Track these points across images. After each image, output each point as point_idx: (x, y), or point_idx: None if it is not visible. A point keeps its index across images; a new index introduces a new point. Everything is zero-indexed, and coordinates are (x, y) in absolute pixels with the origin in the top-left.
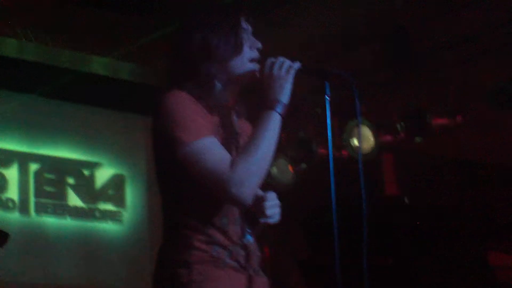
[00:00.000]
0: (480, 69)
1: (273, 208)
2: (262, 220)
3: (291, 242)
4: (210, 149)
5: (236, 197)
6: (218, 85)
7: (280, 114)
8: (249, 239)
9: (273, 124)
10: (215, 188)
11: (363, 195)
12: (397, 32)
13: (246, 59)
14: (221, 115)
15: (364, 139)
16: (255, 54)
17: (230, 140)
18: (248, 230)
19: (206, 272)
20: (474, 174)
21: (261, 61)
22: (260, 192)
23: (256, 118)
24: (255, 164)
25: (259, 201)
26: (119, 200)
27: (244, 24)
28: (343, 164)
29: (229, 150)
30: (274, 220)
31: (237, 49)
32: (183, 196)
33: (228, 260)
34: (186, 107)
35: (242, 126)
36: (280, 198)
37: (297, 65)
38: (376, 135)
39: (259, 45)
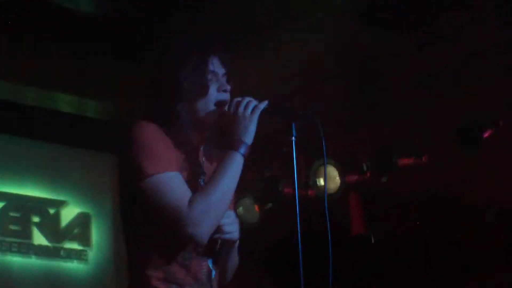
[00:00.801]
0: (445, 107)
1: (231, 225)
2: (221, 237)
3: (256, 279)
4: (172, 184)
5: (191, 236)
6: (186, 123)
7: (242, 155)
8: (213, 275)
9: (235, 164)
10: (171, 224)
11: (329, 235)
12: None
13: (211, 101)
14: (187, 152)
15: (330, 178)
16: (222, 96)
17: (194, 178)
18: (212, 266)
19: None
20: (439, 213)
21: (229, 99)
22: None
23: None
24: (213, 205)
25: None
26: (85, 239)
27: (212, 66)
28: (309, 204)
29: (193, 187)
30: (233, 237)
31: (202, 90)
32: (145, 229)
33: None
34: (153, 139)
35: (208, 166)
36: (245, 237)
37: (263, 105)
38: (342, 174)
39: (228, 87)
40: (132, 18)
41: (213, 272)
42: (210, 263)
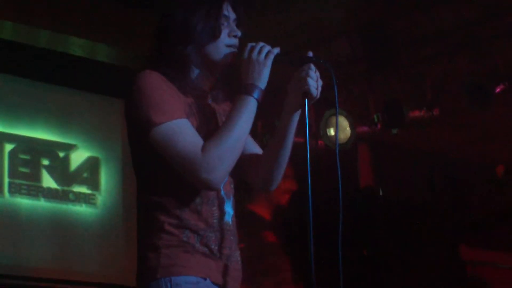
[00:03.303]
0: (457, 64)
1: (314, 80)
2: (304, 89)
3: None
4: (182, 131)
5: (206, 182)
6: (194, 68)
7: (256, 100)
8: (227, 220)
9: (249, 109)
10: (185, 171)
11: (340, 185)
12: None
13: (223, 45)
14: (195, 97)
15: (340, 129)
16: (232, 41)
17: (204, 122)
18: (227, 210)
19: (174, 256)
20: (448, 169)
21: (240, 46)
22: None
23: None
24: (226, 150)
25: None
26: (94, 183)
27: (226, 11)
28: (319, 154)
29: (202, 132)
30: (314, 91)
31: (214, 34)
32: (156, 176)
33: (198, 245)
34: (158, 88)
35: (218, 108)
36: None
37: (276, 50)
38: (352, 125)
39: (239, 33)
40: None
41: (226, 216)
42: (224, 206)
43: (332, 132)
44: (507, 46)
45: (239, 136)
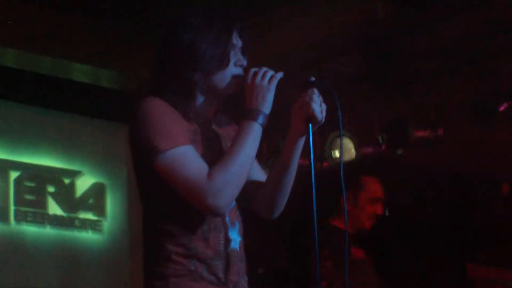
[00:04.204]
0: (460, 81)
1: (318, 104)
2: (307, 111)
3: (271, 251)
4: (187, 157)
5: (212, 208)
6: (199, 95)
7: (261, 125)
8: (234, 247)
9: (253, 135)
10: (191, 197)
11: (345, 207)
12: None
13: (229, 74)
14: (199, 123)
15: (345, 150)
16: (238, 71)
17: (208, 148)
18: (232, 237)
19: (182, 285)
20: (455, 186)
21: (243, 71)
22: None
23: (237, 127)
24: (232, 175)
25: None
26: (100, 209)
27: (235, 39)
28: (324, 176)
29: (206, 159)
30: (318, 114)
31: (223, 63)
32: (163, 203)
33: (205, 274)
34: (162, 114)
35: (222, 133)
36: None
37: (279, 75)
38: (357, 146)
39: (245, 63)
40: None
41: (232, 242)
42: (229, 233)
43: (337, 154)
44: (510, 64)
45: (245, 162)
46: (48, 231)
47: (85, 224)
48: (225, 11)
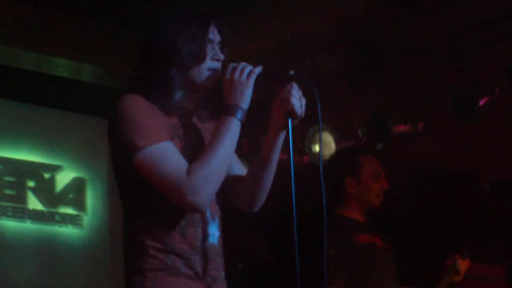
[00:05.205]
0: (440, 76)
1: (298, 99)
2: (286, 106)
3: (252, 245)
4: (166, 154)
5: (192, 204)
6: (177, 89)
7: (239, 120)
8: (212, 241)
9: (232, 130)
10: (171, 194)
11: (325, 201)
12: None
13: (205, 69)
14: (180, 117)
15: (325, 145)
16: (215, 65)
17: (190, 142)
18: (211, 232)
19: (159, 280)
20: (436, 181)
21: (222, 66)
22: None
23: (216, 122)
24: (212, 171)
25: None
26: (80, 204)
27: (212, 34)
28: (303, 170)
29: (189, 152)
30: (298, 109)
31: (199, 58)
32: (141, 200)
33: (182, 269)
34: (141, 112)
35: (204, 127)
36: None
37: (258, 69)
38: (337, 141)
39: (222, 57)
40: None
41: (211, 237)
42: (208, 228)
43: (317, 148)
44: (490, 59)
45: (224, 158)
46: (28, 225)
47: (65, 219)
48: (203, 8)
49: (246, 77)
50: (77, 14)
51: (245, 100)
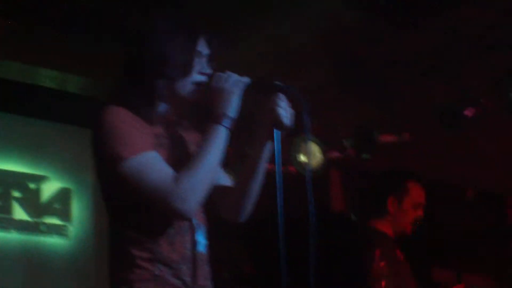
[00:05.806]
0: (427, 88)
1: (286, 110)
2: (274, 115)
3: (235, 256)
4: (151, 164)
5: (179, 212)
6: (162, 100)
7: (227, 128)
8: (200, 250)
9: (219, 138)
10: (158, 202)
11: (312, 210)
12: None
13: (191, 82)
14: (164, 126)
15: (311, 155)
16: (201, 79)
17: (174, 151)
18: (199, 240)
19: None
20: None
21: (209, 76)
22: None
23: (203, 131)
24: (199, 179)
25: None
26: (65, 214)
27: (200, 46)
28: (290, 180)
29: (173, 161)
30: (286, 120)
31: (185, 71)
32: (127, 210)
33: (170, 279)
34: (124, 122)
35: (188, 137)
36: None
37: (245, 79)
38: (323, 151)
39: (209, 71)
40: None
41: (199, 245)
42: (196, 236)
43: (302, 158)
44: (477, 70)
45: (211, 166)
46: (13, 236)
47: (51, 229)
48: (192, 20)
49: (233, 86)
50: (62, 25)
51: (232, 108)
